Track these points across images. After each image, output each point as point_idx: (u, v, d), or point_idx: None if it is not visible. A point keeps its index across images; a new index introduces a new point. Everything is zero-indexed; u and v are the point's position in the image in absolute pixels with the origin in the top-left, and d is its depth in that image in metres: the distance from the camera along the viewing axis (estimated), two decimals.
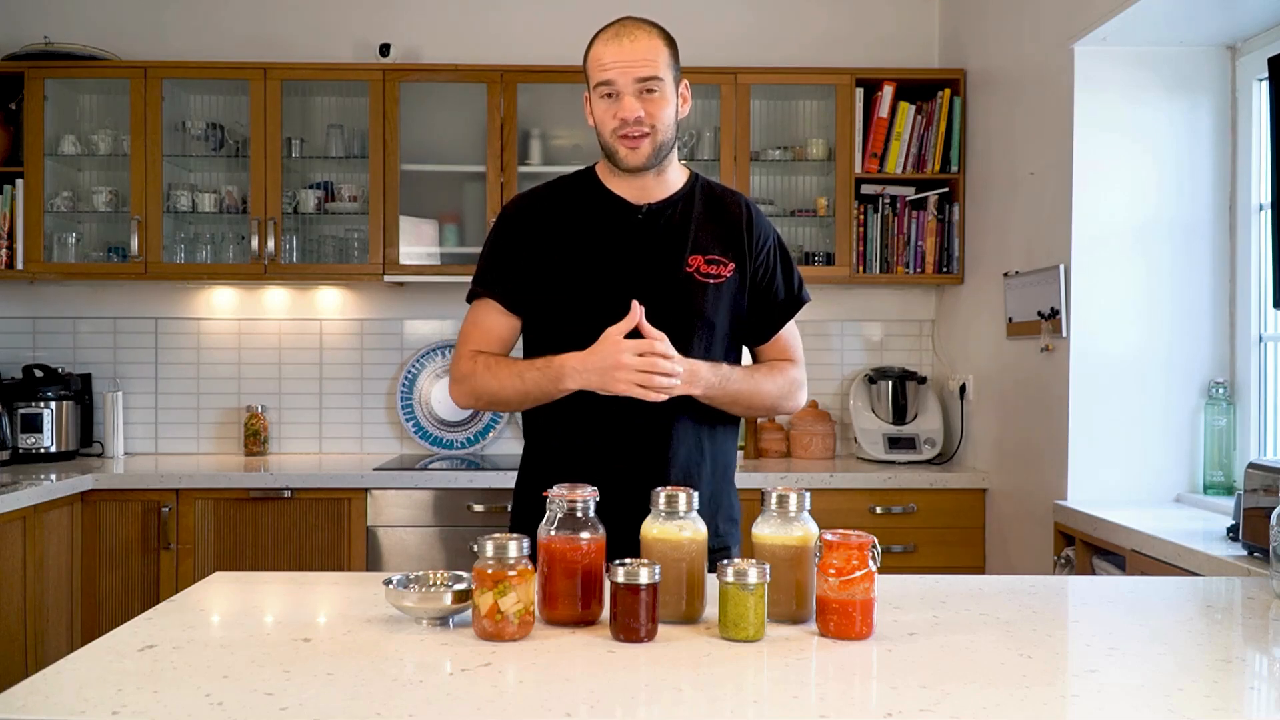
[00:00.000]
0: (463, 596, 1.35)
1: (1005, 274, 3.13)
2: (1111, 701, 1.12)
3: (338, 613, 1.46)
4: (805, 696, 1.13)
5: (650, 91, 1.70)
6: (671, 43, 1.75)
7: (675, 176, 1.82)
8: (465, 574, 1.41)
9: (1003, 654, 1.27)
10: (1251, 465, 2.01)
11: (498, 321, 1.83)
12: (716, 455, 1.84)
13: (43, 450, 3.50)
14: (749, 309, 1.84)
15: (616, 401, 1.68)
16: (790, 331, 1.90)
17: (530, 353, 1.84)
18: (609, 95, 1.71)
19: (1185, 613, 1.53)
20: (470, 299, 1.86)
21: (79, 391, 3.65)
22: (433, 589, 1.41)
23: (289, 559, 3.19)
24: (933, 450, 3.55)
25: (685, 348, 1.75)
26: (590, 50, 1.74)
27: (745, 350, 1.92)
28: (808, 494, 1.41)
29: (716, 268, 1.79)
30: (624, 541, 1.43)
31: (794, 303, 1.89)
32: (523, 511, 1.85)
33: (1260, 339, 2.65)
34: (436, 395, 3.79)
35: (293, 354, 3.83)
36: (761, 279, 1.85)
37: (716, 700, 1.11)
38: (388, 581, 1.40)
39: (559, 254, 1.78)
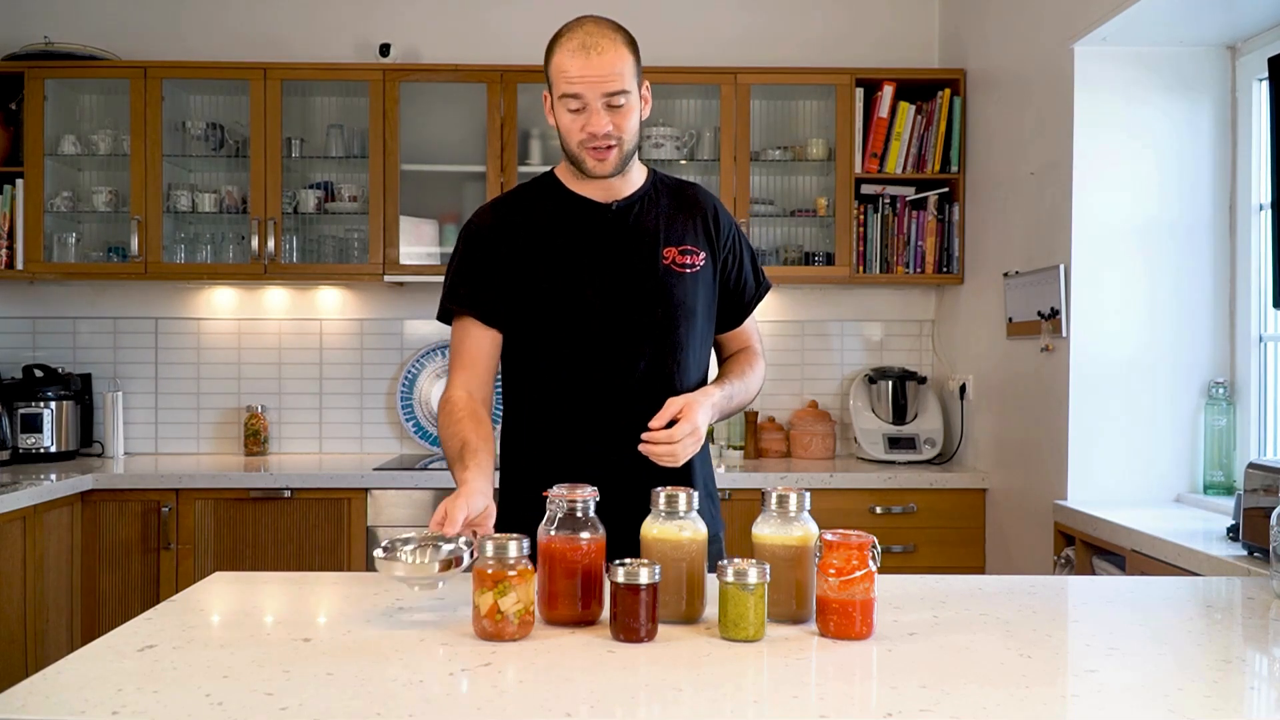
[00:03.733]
0: (449, 562, 1.38)
1: (1005, 274, 3.13)
2: (1111, 701, 1.12)
3: (338, 613, 1.46)
4: (805, 696, 1.13)
5: (617, 104, 1.67)
6: (634, 46, 1.71)
7: (636, 174, 1.82)
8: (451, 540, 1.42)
9: (1003, 654, 1.27)
10: (1251, 465, 2.01)
11: (479, 338, 1.78)
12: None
13: (43, 450, 3.50)
14: (719, 298, 1.87)
15: (596, 410, 1.74)
16: (751, 316, 1.96)
17: (511, 361, 1.82)
18: (576, 109, 1.68)
19: (1185, 613, 1.53)
20: (445, 317, 1.81)
21: (79, 391, 3.65)
22: (423, 548, 1.41)
23: (289, 559, 3.19)
24: (933, 450, 3.55)
25: (671, 337, 1.78)
26: (553, 58, 1.70)
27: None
28: (808, 494, 1.41)
29: (690, 258, 1.81)
30: (624, 541, 1.44)
31: (761, 290, 1.95)
32: (508, 512, 1.83)
33: (1260, 339, 2.65)
34: (436, 395, 3.79)
35: (293, 354, 3.83)
36: (730, 268, 1.89)
37: (716, 700, 1.11)
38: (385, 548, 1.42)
39: (534, 260, 1.77)
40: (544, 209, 1.80)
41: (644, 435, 1.61)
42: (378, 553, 1.41)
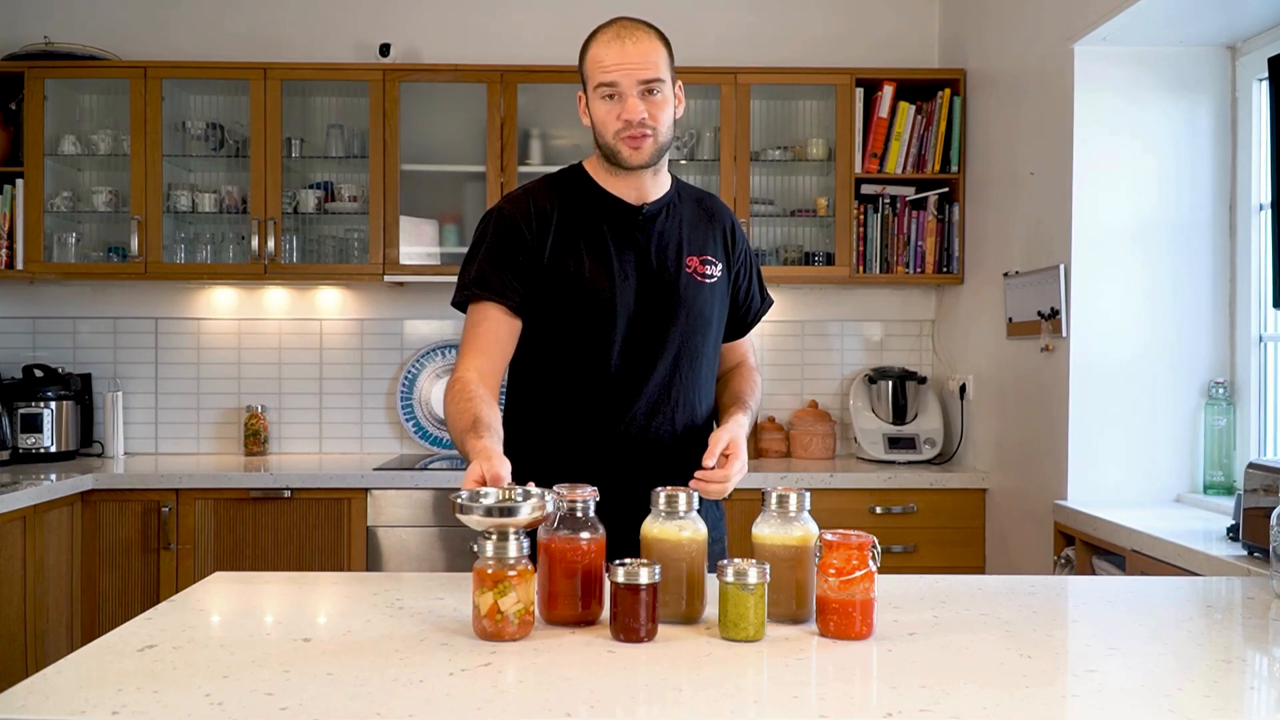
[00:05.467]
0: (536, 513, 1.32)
1: (1005, 274, 3.13)
2: (1111, 701, 1.12)
3: (338, 613, 1.46)
4: (805, 696, 1.13)
5: (652, 93, 1.69)
6: (668, 44, 1.74)
7: (664, 178, 1.83)
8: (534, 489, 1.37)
9: (1003, 654, 1.27)
10: (1251, 465, 2.01)
11: (499, 324, 1.75)
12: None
13: (43, 450, 3.50)
14: (728, 310, 1.90)
15: (605, 410, 1.75)
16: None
17: (524, 353, 1.80)
18: (611, 96, 1.69)
19: (1185, 613, 1.53)
20: (465, 303, 1.77)
21: (79, 391, 3.65)
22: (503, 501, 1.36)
23: (289, 559, 3.19)
24: (933, 450, 3.55)
25: (689, 345, 1.79)
26: (589, 51, 1.72)
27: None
28: (808, 494, 1.41)
29: (709, 268, 1.83)
30: (624, 541, 1.43)
31: (765, 306, 2.00)
32: None
33: (1260, 339, 2.65)
34: (436, 395, 3.79)
35: (293, 354, 3.83)
36: (741, 282, 1.91)
37: (716, 700, 1.11)
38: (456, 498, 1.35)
39: (566, 255, 1.75)
40: (577, 203, 1.79)
41: (699, 474, 1.60)
42: (473, 514, 1.32)
